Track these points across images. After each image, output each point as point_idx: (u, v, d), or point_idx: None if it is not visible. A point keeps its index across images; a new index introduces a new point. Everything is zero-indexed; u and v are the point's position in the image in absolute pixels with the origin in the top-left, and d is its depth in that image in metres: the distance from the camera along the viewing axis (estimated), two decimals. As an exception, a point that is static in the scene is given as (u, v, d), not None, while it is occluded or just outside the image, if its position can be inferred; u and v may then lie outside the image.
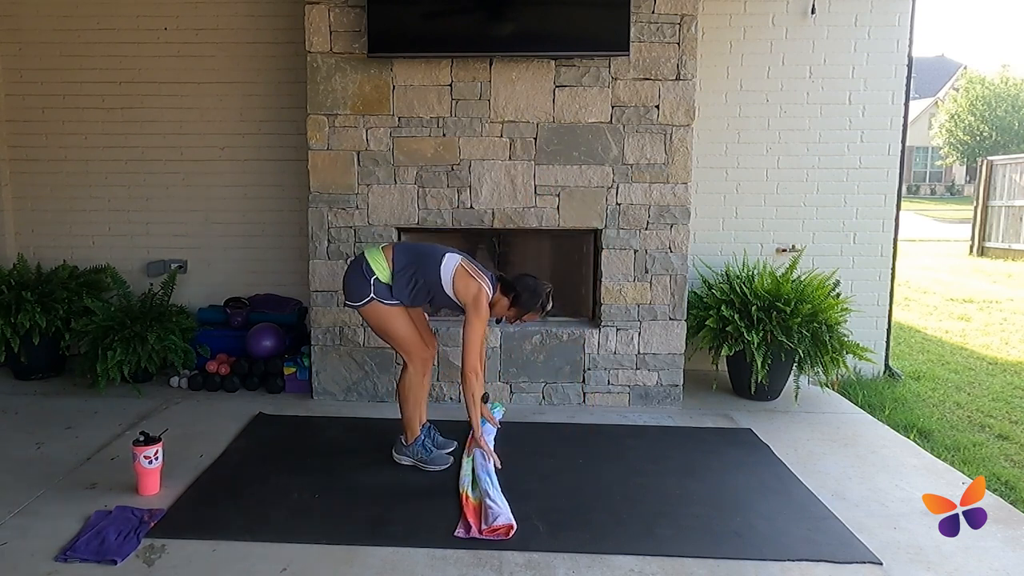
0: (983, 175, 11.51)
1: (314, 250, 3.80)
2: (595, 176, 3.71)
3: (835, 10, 4.27)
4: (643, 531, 2.49)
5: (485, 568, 2.25)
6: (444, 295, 2.88)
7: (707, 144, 4.30)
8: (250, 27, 4.31)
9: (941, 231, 16.32)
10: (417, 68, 3.66)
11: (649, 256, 3.78)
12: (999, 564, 2.32)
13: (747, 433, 3.45)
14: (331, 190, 3.75)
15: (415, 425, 2.99)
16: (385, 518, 2.55)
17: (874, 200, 4.42)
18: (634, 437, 3.40)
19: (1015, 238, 11.01)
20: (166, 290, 4.21)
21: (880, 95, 4.33)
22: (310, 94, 3.70)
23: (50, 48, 4.37)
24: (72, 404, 3.70)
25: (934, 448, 3.48)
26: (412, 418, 2.99)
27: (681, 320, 3.82)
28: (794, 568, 2.28)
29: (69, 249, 4.49)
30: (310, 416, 3.62)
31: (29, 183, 4.51)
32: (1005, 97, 27.30)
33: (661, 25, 3.62)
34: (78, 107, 4.41)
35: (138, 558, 2.27)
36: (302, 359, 3.96)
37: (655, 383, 3.84)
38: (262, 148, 4.41)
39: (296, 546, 2.35)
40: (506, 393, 3.84)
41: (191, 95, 4.38)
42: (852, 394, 4.16)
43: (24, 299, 3.87)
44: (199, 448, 3.13)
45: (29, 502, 2.62)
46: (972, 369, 5.03)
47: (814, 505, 2.71)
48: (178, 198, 4.47)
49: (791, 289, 3.86)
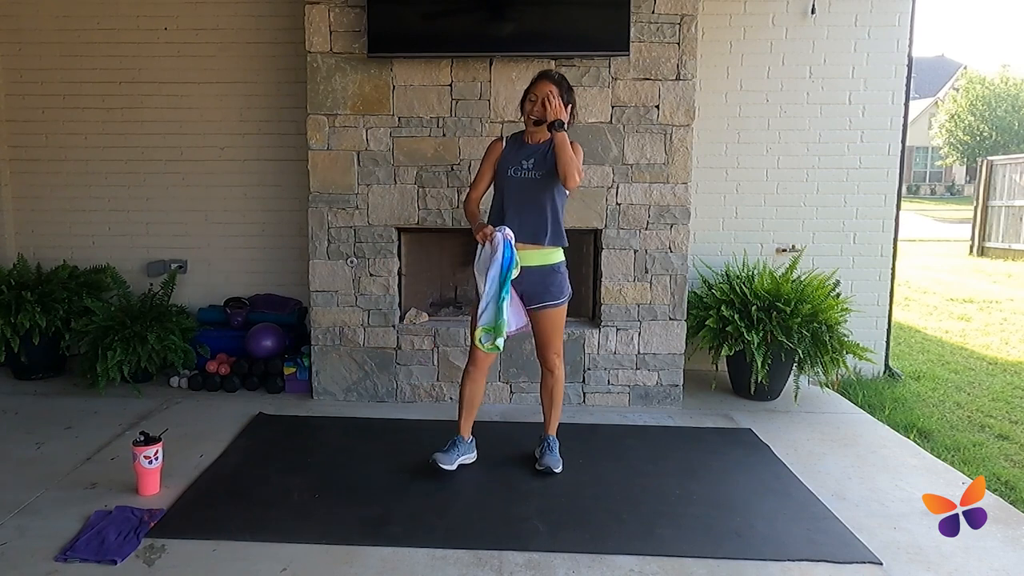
0: (983, 175, 11.52)
1: (314, 250, 3.80)
2: (595, 176, 3.71)
3: (835, 10, 4.27)
4: (643, 531, 2.49)
5: (485, 568, 2.25)
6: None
7: (707, 144, 4.30)
8: (250, 27, 4.31)
9: (941, 231, 16.32)
10: (417, 68, 3.66)
11: (649, 256, 3.78)
12: (999, 564, 2.32)
13: (747, 433, 3.45)
14: (331, 190, 3.75)
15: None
16: (385, 518, 2.55)
17: (874, 200, 4.41)
18: (634, 437, 3.40)
19: (1015, 238, 11.01)
20: (166, 290, 4.21)
21: (880, 95, 4.33)
22: (310, 94, 3.70)
23: (50, 48, 4.37)
24: (72, 404, 3.70)
25: (934, 448, 3.48)
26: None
27: (681, 320, 3.82)
28: (794, 568, 2.28)
29: (69, 249, 4.48)
30: (310, 416, 3.62)
31: (29, 183, 4.50)
32: (1005, 97, 27.31)
33: (661, 25, 3.62)
34: (78, 107, 4.41)
35: (138, 558, 2.27)
36: (302, 359, 3.96)
37: (655, 383, 3.84)
38: (262, 148, 4.41)
39: (296, 546, 2.35)
40: (506, 393, 3.84)
41: (191, 95, 4.38)
42: (852, 394, 4.16)
43: (24, 299, 3.87)
44: (199, 448, 3.13)
45: (29, 502, 2.62)
46: (972, 369, 5.03)
47: (814, 505, 2.71)
48: (178, 198, 4.47)
49: (791, 289, 3.86)
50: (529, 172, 2.77)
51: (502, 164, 2.82)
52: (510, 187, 2.79)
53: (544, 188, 2.77)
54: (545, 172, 2.76)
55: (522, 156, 2.80)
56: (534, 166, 2.77)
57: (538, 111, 2.73)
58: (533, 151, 2.80)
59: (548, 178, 2.76)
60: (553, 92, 2.71)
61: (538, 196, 2.77)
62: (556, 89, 2.73)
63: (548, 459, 2.93)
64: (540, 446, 3.02)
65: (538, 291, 2.83)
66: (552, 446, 3.00)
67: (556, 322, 2.89)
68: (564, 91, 2.76)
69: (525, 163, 2.77)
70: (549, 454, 2.96)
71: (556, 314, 2.87)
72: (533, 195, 2.77)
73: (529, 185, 2.77)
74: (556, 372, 2.97)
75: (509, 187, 2.80)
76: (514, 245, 2.70)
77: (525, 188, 2.77)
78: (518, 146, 2.84)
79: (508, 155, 2.82)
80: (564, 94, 2.75)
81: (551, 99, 2.69)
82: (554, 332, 2.90)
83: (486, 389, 3.80)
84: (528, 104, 2.78)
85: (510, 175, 2.79)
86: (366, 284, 3.81)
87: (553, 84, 2.74)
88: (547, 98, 2.69)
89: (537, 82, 2.78)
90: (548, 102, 2.69)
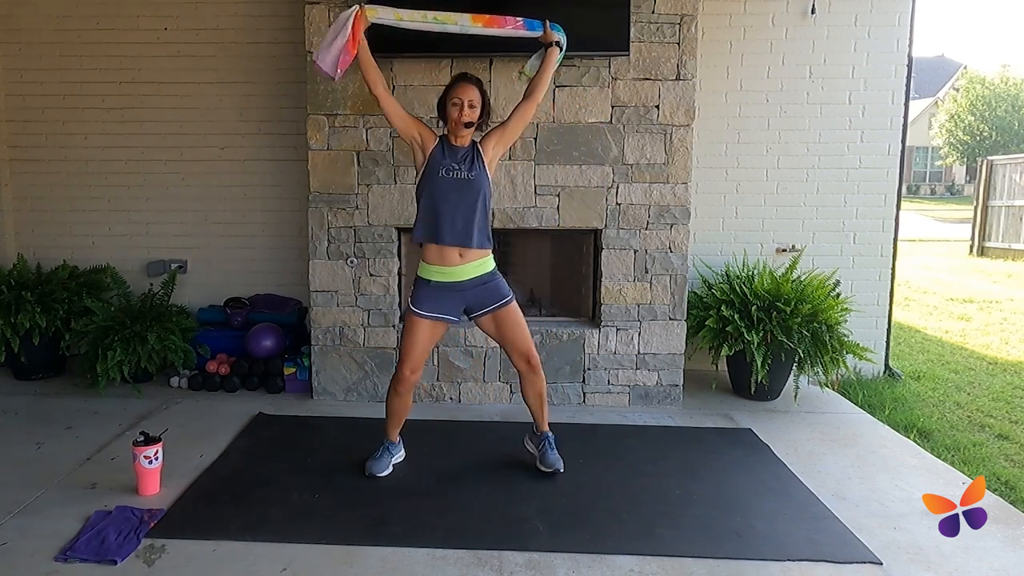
0: (983, 175, 11.51)
1: (314, 250, 3.80)
2: (595, 176, 3.71)
3: (835, 10, 4.27)
4: (643, 531, 2.49)
5: (485, 568, 2.25)
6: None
7: (707, 144, 4.30)
8: (250, 27, 4.31)
9: (941, 231, 16.32)
10: (417, 68, 3.66)
11: (649, 256, 3.78)
12: (999, 564, 2.32)
13: (747, 433, 3.45)
14: (331, 190, 3.75)
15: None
16: (385, 518, 2.54)
17: (874, 200, 4.41)
18: (634, 437, 3.40)
19: (1015, 238, 11.01)
20: (166, 290, 4.21)
21: (880, 95, 4.33)
22: (310, 94, 3.70)
23: (50, 48, 4.37)
24: (72, 404, 3.70)
25: (934, 448, 3.48)
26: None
27: (681, 320, 3.82)
28: (794, 568, 2.28)
29: (69, 249, 4.48)
30: (310, 416, 3.62)
31: (29, 183, 4.51)
32: (1005, 97, 27.31)
33: (661, 25, 3.62)
34: (78, 107, 4.41)
35: (138, 558, 2.27)
36: (302, 359, 3.96)
37: (655, 383, 3.84)
38: (262, 148, 4.41)
39: (296, 546, 2.35)
40: (506, 393, 3.84)
41: (191, 95, 4.38)
42: (852, 394, 4.16)
43: (24, 299, 3.87)
44: (199, 448, 3.13)
45: (29, 502, 2.62)
46: (972, 369, 5.03)
47: (814, 505, 2.71)
48: (178, 198, 4.47)
49: (791, 289, 3.86)
50: (459, 173, 2.76)
51: (432, 164, 2.79)
52: (441, 188, 2.77)
53: (475, 189, 2.77)
54: (476, 173, 2.77)
55: (451, 159, 2.78)
56: (465, 168, 2.77)
57: (467, 116, 2.75)
58: (464, 153, 2.80)
59: (478, 180, 2.77)
60: (475, 100, 2.75)
61: (469, 198, 2.76)
62: (478, 95, 2.77)
63: (552, 458, 2.92)
64: (539, 444, 2.98)
65: (482, 298, 2.82)
66: (552, 443, 2.98)
67: (515, 318, 2.86)
68: (483, 89, 2.82)
69: (456, 165, 2.77)
70: (551, 452, 2.94)
71: (511, 311, 2.85)
72: (464, 196, 2.76)
73: (460, 186, 2.76)
74: (539, 368, 2.91)
75: (440, 188, 2.77)
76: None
77: (457, 189, 2.76)
78: (447, 148, 2.82)
79: (438, 155, 2.80)
80: (483, 92, 2.82)
81: (472, 108, 2.75)
82: (518, 328, 2.87)
83: (486, 389, 3.83)
84: (452, 108, 2.76)
85: (441, 175, 2.76)
86: (366, 284, 3.81)
87: (474, 87, 2.78)
88: (468, 105, 2.73)
89: (458, 84, 2.78)
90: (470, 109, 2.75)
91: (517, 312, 2.88)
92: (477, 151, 2.81)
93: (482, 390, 3.84)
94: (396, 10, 2.81)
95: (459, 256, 2.76)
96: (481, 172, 2.79)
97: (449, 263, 2.77)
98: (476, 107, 2.76)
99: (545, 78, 2.89)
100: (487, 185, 2.81)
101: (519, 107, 2.87)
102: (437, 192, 2.77)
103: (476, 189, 2.77)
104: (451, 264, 2.77)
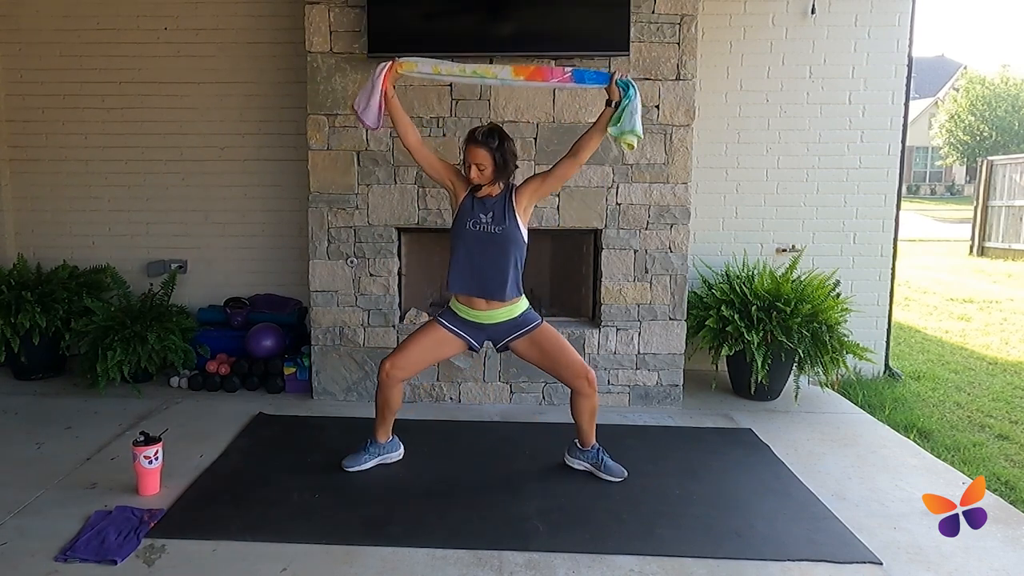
0: (983, 175, 11.51)
1: (314, 250, 3.80)
2: (595, 176, 3.71)
3: (835, 10, 4.27)
4: (643, 531, 2.49)
5: (485, 568, 2.25)
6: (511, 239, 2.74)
7: (707, 144, 4.30)
8: (250, 27, 4.31)
9: (941, 231, 16.31)
10: (417, 68, 3.65)
11: (649, 256, 3.78)
12: (999, 564, 2.32)
13: (747, 433, 3.45)
14: (331, 190, 3.75)
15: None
16: (385, 518, 2.55)
17: (874, 200, 4.41)
18: (634, 437, 3.40)
19: (1015, 238, 11.01)
20: (166, 290, 4.21)
21: (880, 95, 4.33)
22: (310, 94, 3.70)
23: (50, 48, 4.37)
24: (72, 404, 3.70)
25: (934, 448, 3.48)
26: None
27: (681, 320, 3.82)
28: (794, 568, 2.28)
29: (69, 249, 4.48)
30: (310, 416, 3.62)
31: (29, 183, 4.50)
32: (1005, 97, 27.29)
33: (661, 25, 3.62)
34: (78, 107, 4.41)
35: (138, 558, 2.27)
36: (302, 359, 3.96)
37: (655, 383, 3.84)
38: (262, 148, 4.41)
39: (296, 546, 2.35)
40: (506, 393, 3.84)
41: (191, 95, 4.38)
42: (852, 394, 4.16)
43: (24, 299, 3.87)
44: (199, 448, 3.13)
45: (29, 502, 2.61)
46: (972, 369, 5.03)
47: (814, 505, 2.71)
48: (178, 198, 4.47)
49: (791, 289, 3.86)
50: (488, 226, 2.71)
51: (461, 215, 2.75)
52: (469, 241, 2.72)
53: (504, 242, 2.71)
54: (505, 226, 2.70)
55: (480, 210, 2.72)
56: (493, 220, 2.71)
57: (475, 179, 2.68)
58: (491, 205, 2.73)
59: (506, 232, 2.70)
60: (484, 163, 2.65)
61: (498, 251, 2.71)
62: (487, 157, 2.65)
63: (617, 468, 2.89)
64: (597, 458, 2.92)
65: (509, 331, 2.80)
66: (606, 453, 2.95)
67: (554, 339, 2.81)
68: (496, 148, 2.67)
69: (484, 217, 2.71)
70: (611, 461, 2.92)
71: (544, 332, 2.80)
72: (493, 250, 2.71)
73: (488, 239, 2.71)
74: (594, 384, 2.82)
75: (468, 241, 2.72)
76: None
77: (485, 243, 2.71)
78: (475, 200, 2.73)
79: (467, 207, 2.73)
80: (497, 150, 2.67)
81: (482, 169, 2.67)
82: (562, 349, 2.81)
83: (486, 389, 3.83)
84: (466, 167, 2.71)
85: (469, 228, 2.72)
86: (366, 284, 3.81)
87: (482, 148, 2.65)
88: (477, 168, 2.66)
89: (467, 146, 2.69)
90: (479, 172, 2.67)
91: (554, 332, 2.84)
92: (509, 201, 2.73)
93: (482, 390, 3.84)
94: (435, 63, 2.75)
95: (486, 304, 2.76)
96: (512, 224, 2.70)
97: (476, 308, 2.78)
98: (485, 169, 2.66)
99: (595, 139, 2.71)
100: (519, 236, 2.73)
101: (562, 163, 2.74)
102: (464, 245, 2.74)
103: (505, 242, 2.70)
104: (478, 309, 2.77)
